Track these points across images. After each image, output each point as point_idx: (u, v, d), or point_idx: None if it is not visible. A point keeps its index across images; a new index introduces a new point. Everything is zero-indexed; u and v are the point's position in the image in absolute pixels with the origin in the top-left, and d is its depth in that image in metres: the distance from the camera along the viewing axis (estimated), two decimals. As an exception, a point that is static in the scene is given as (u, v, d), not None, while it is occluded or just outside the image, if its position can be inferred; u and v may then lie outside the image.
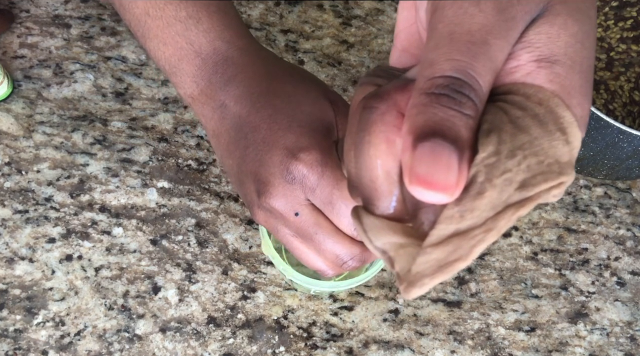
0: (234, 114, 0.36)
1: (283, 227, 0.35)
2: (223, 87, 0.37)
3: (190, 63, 0.37)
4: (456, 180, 0.18)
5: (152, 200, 0.53)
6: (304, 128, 0.35)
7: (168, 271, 0.51)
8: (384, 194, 0.22)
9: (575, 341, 0.52)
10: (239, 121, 0.36)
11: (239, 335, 0.50)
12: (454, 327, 0.51)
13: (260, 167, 0.35)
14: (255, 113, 0.36)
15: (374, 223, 0.22)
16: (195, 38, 0.37)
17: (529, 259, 0.55)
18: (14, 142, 0.54)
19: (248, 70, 0.37)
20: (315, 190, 0.34)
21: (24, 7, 0.59)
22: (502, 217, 0.19)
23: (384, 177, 0.22)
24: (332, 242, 0.35)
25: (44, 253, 0.51)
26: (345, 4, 0.62)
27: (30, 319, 0.49)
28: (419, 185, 0.18)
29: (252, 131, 0.35)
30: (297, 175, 0.33)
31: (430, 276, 0.20)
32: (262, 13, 0.61)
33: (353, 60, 0.60)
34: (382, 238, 0.22)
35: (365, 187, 0.23)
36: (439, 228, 0.19)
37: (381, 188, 0.22)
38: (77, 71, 0.57)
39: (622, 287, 0.55)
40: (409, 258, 0.21)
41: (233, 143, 0.36)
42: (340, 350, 0.50)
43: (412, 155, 0.18)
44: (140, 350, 0.48)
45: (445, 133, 0.18)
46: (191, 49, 0.37)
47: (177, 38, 0.37)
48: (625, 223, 0.57)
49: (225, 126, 0.37)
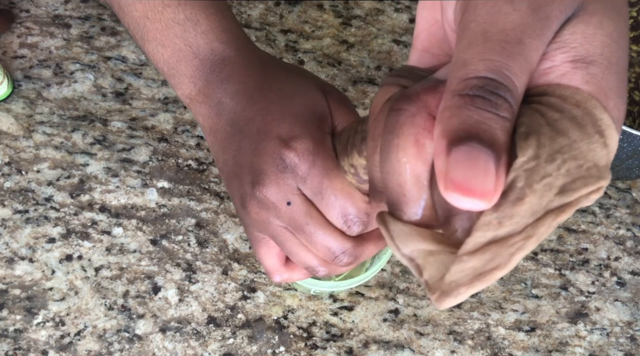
0: (230, 110, 0.37)
1: (274, 219, 0.35)
2: (220, 85, 0.37)
3: (188, 64, 0.38)
4: (494, 185, 0.17)
5: (152, 200, 0.53)
6: (297, 118, 0.35)
7: (168, 271, 0.51)
8: (413, 200, 0.21)
9: (575, 341, 0.52)
10: (234, 116, 0.37)
11: (239, 335, 0.50)
12: (454, 327, 0.51)
13: (255, 157, 0.35)
14: (250, 107, 0.36)
15: (401, 229, 0.22)
16: (194, 40, 0.38)
17: (529, 259, 0.55)
18: (14, 142, 0.54)
19: (244, 68, 0.38)
20: (306, 179, 0.34)
21: (24, 7, 0.59)
22: (542, 224, 0.19)
23: (413, 181, 0.21)
24: (322, 233, 0.35)
25: (44, 253, 0.51)
26: (345, 4, 0.62)
27: (30, 319, 0.49)
28: (455, 192, 0.17)
29: (247, 124, 0.36)
30: (288, 163, 0.34)
31: (466, 286, 0.19)
32: (262, 13, 0.61)
33: (353, 60, 0.60)
34: (410, 245, 0.21)
35: (392, 192, 0.22)
36: (476, 235, 0.19)
37: (410, 193, 0.21)
38: (77, 71, 0.57)
39: (622, 287, 0.55)
40: (440, 266, 0.20)
41: (229, 138, 0.37)
42: (340, 350, 0.50)
43: (447, 160, 0.17)
44: (140, 350, 0.48)
45: (481, 136, 0.17)
46: (189, 50, 0.38)
47: (176, 40, 0.38)
48: (625, 223, 0.57)
49: (222, 122, 0.37)
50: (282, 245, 0.36)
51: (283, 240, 0.36)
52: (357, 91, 0.59)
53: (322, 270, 0.36)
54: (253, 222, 0.36)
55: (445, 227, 0.21)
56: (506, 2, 0.19)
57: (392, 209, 0.22)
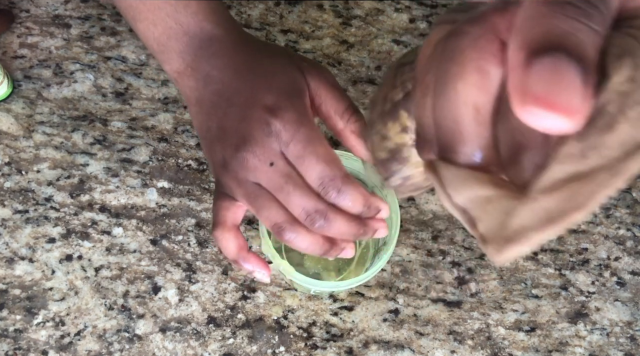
0: (218, 81, 0.39)
1: (254, 178, 0.37)
2: (208, 59, 0.40)
3: (178, 40, 0.40)
4: (582, 102, 0.15)
5: (152, 200, 0.53)
6: (281, 91, 0.38)
7: (168, 271, 0.51)
8: (470, 137, 0.19)
9: (575, 341, 0.52)
10: (221, 87, 0.39)
11: (239, 335, 0.50)
12: (454, 327, 0.51)
13: (242, 122, 0.37)
14: (237, 79, 0.39)
15: (454, 174, 0.19)
16: (184, 19, 0.40)
17: (529, 259, 0.55)
18: (14, 142, 0.54)
19: (231, 46, 0.41)
20: (289, 144, 0.36)
21: (24, 7, 0.59)
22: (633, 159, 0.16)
23: (472, 115, 0.19)
24: (300, 193, 0.36)
25: (44, 253, 0.50)
26: (345, 4, 0.62)
27: (30, 319, 0.49)
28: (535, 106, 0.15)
29: (235, 94, 0.39)
30: (274, 129, 0.36)
31: (537, 230, 0.16)
32: (262, 13, 0.61)
33: (353, 60, 0.60)
34: (464, 192, 0.19)
35: (445, 132, 0.20)
36: (554, 170, 0.16)
37: (467, 129, 0.19)
38: (77, 71, 0.57)
39: (622, 287, 0.55)
40: (499, 214, 0.18)
41: (215, 106, 0.39)
42: (340, 350, 0.50)
43: (526, 73, 0.15)
44: (140, 350, 0.48)
45: (569, 48, 0.15)
46: (180, 28, 0.40)
47: (167, 19, 0.40)
48: (625, 223, 0.57)
49: (208, 93, 0.40)
50: (254, 201, 0.37)
51: (257, 195, 0.37)
52: (357, 91, 0.59)
53: (288, 228, 0.37)
54: (230, 181, 0.38)
55: (511, 167, 0.18)
56: None
57: (445, 152, 0.20)
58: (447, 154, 0.20)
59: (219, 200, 0.40)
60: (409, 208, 0.55)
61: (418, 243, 0.54)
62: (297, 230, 0.37)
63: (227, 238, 0.39)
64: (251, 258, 0.40)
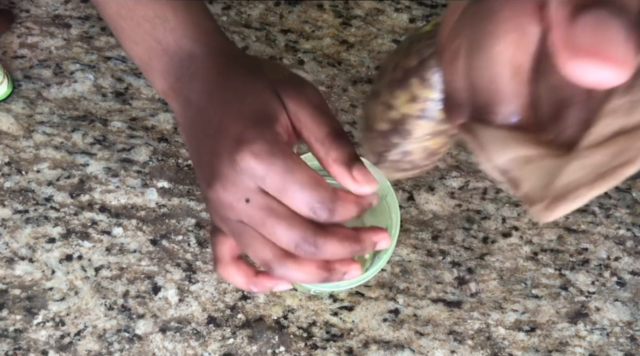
0: (195, 108, 0.38)
1: (232, 216, 0.35)
2: (187, 82, 0.38)
3: (159, 60, 0.39)
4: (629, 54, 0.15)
5: (152, 200, 0.53)
6: (249, 120, 0.35)
7: (168, 271, 0.51)
8: (509, 96, 0.19)
9: (575, 341, 0.52)
10: (197, 115, 0.37)
11: (239, 335, 0.50)
12: (454, 327, 0.51)
13: (214, 157, 0.35)
14: (210, 106, 0.37)
15: (493, 135, 0.18)
16: (163, 37, 0.38)
17: (529, 259, 0.55)
18: (14, 142, 0.54)
19: (210, 65, 0.38)
20: (265, 178, 0.33)
21: (24, 7, 0.59)
22: None
23: (511, 74, 0.18)
24: (285, 224, 0.34)
25: (44, 253, 0.51)
26: (345, 4, 0.62)
27: (30, 319, 0.49)
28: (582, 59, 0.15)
29: (207, 123, 0.37)
30: (244, 166, 0.33)
31: (588, 186, 0.16)
32: (262, 13, 0.61)
33: (353, 60, 0.60)
34: (504, 153, 0.18)
35: (482, 93, 0.19)
36: (601, 125, 0.16)
37: (506, 88, 0.18)
38: (77, 71, 0.57)
39: (622, 287, 0.55)
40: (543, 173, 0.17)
41: (194, 136, 0.38)
42: (340, 350, 0.50)
43: (572, 28, 0.15)
44: (140, 350, 0.48)
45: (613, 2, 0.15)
46: (159, 47, 0.38)
47: (147, 37, 0.39)
48: (625, 223, 0.57)
49: (188, 120, 0.38)
50: (239, 238, 0.35)
51: (241, 232, 0.35)
52: (357, 91, 0.59)
53: (277, 265, 0.35)
54: (214, 216, 0.36)
55: (552, 125, 0.18)
56: None
57: (481, 114, 0.19)
58: (483, 115, 0.19)
59: (214, 236, 0.38)
60: (409, 208, 0.55)
61: (418, 243, 0.54)
62: (287, 265, 0.35)
63: (231, 273, 0.38)
64: (262, 281, 0.38)
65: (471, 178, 0.57)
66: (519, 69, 0.18)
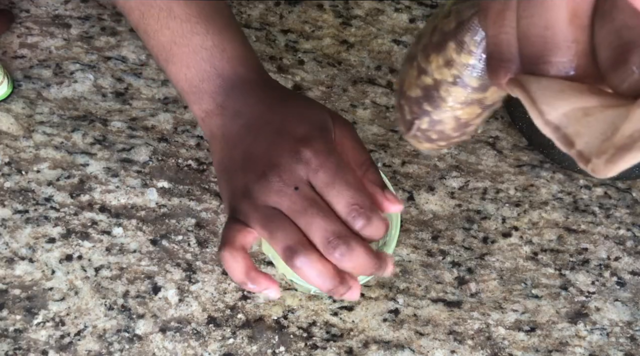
0: (249, 115, 0.40)
1: (272, 203, 0.37)
2: (239, 97, 0.41)
3: (211, 83, 0.41)
4: None
5: (152, 200, 0.53)
6: (312, 126, 0.39)
7: (168, 271, 0.51)
8: (566, 43, 0.17)
9: (575, 341, 0.52)
10: (252, 119, 0.40)
11: (239, 335, 0.50)
12: (454, 327, 0.52)
13: (271, 150, 0.38)
14: (270, 111, 0.40)
15: (547, 87, 0.17)
16: (219, 63, 0.41)
17: (529, 259, 0.55)
18: (14, 142, 0.54)
19: (262, 85, 0.42)
20: (319, 171, 0.36)
21: (24, 7, 0.59)
22: None
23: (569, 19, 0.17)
24: (324, 216, 0.36)
25: (44, 253, 0.51)
26: (345, 4, 0.62)
27: (30, 319, 0.49)
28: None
29: (265, 124, 0.40)
30: (303, 157, 0.37)
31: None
32: (262, 13, 0.61)
33: (353, 60, 0.60)
34: (560, 106, 0.17)
35: (535, 42, 0.18)
36: None
37: (563, 35, 0.17)
38: (77, 71, 0.57)
39: (622, 287, 0.55)
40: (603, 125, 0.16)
41: (242, 137, 0.40)
42: (340, 350, 0.50)
43: None
44: (140, 350, 0.48)
45: None
46: (214, 71, 0.41)
47: (202, 63, 0.41)
48: (625, 223, 0.57)
49: (237, 126, 0.40)
50: (270, 223, 0.36)
51: (274, 217, 0.36)
52: (357, 91, 0.59)
53: (300, 251, 0.35)
54: (248, 206, 0.37)
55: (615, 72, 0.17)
56: None
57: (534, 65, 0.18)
58: (537, 66, 0.18)
59: (230, 224, 0.39)
60: (409, 208, 0.55)
61: (418, 243, 0.54)
62: (310, 255, 0.35)
63: (235, 258, 0.37)
64: (260, 278, 0.38)
65: (471, 178, 0.57)
66: (577, 11, 0.17)
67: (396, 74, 0.60)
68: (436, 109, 0.30)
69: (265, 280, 0.38)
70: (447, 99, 0.29)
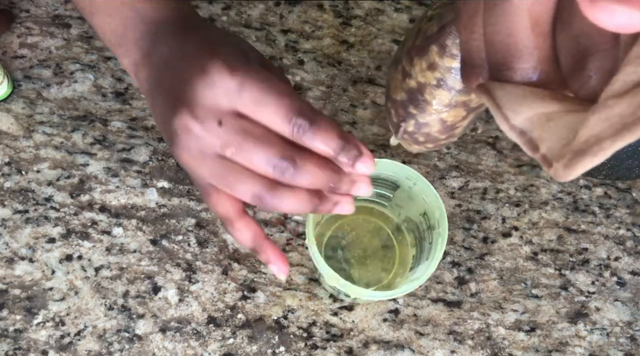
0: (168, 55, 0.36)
1: (207, 148, 0.32)
2: (163, 41, 0.37)
3: (135, 29, 0.38)
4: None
5: (152, 200, 0.53)
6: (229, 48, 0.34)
7: (168, 271, 0.51)
8: (528, 50, 0.18)
9: (575, 341, 0.52)
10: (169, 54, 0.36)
11: (239, 335, 0.50)
12: (454, 327, 0.51)
13: (182, 83, 0.32)
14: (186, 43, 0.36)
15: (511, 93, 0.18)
16: (141, 6, 0.38)
17: (529, 259, 0.55)
18: (14, 142, 0.54)
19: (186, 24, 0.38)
20: (242, 91, 0.30)
21: (24, 7, 0.59)
22: None
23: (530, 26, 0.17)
24: (261, 145, 0.31)
25: (44, 253, 0.51)
26: (345, 4, 0.62)
27: (30, 319, 0.49)
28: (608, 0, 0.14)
29: (181, 58, 0.35)
30: (216, 79, 0.30)
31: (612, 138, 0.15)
32: (262, 13, 0.61)
33: (353, 60, 0.60)
34: (523, 111, 0.17)
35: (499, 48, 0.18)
36: (626, 71, 0.15)
37: (525, 41, 0.18)
38: (77, 71, 0.57)
39: (622, 287, 0.55)
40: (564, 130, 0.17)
41: (162, 77, 0.36)
42: (340, 350, 0.50)
43: None
44: (140, 350, 0.48)
45: None
46: (137, 16, 0.38)
47: (122, 8, 0.38)
48: (625, 223, 0.57)
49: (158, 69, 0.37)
50: (224, 180, 0.32)
51: (223, 172, 0.32)
52: (357, 91, 0.59)
53: (269, 193, 0.32)
54: (189, 160, 0.33)
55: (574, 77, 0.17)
56: None
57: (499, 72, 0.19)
58: (501, 73, 0.19)
59: (208, 197, 0.36)
60: (409, 208, 0.55)
61: (418, 243, 0.54)
62: (278, 191, 0.32)
63: (239, 229, 0.36)
64: (267, 247, 0.36)
65: (471, 178, 0.57)
66: (538, 19, 0.17)
67: (396, 74, 0.60)
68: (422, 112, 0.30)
69: (272, 250, 0.36)
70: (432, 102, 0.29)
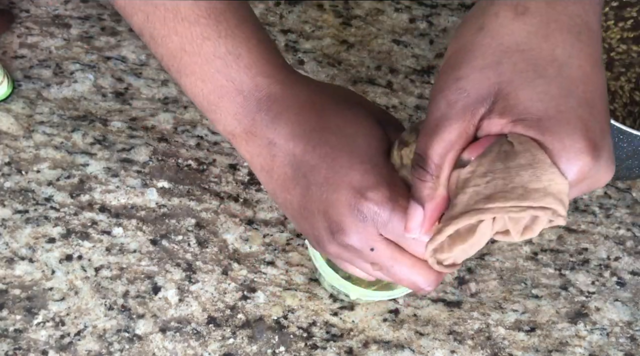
0: (287, 152, 0.36)
1: (359, 259, 0.36)
2: (269, 125, 0.36)
3: (231, 101, 0.36)
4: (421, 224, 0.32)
5: (152, 200, 0.53)
6: (367, 165, 0.34)
7: (168, 271, 0.51)
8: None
9: (575, 341, 0.52)
10: (293, 159, 0.36)
11: (239, 335, 0.50)
12: (454, 327, 0.51)
13: (329, 208, 0.34)
14: (312, 152, 0.35)
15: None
16: (236, 75, 0.36)
17: (529, 259, 0.55)
18: (14, 142, 0.54)
19: (293, 105, 0.37)
20: (387, 225, 0.34)
21: (24, 7, 0.59)
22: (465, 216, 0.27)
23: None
24: (408, 271, 0.35)
25: (44, 253, 0.51)
26: (345, 4, 0.62)
27: (30, 319, 0.49)
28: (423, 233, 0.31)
29: (311, 171, 0.35)
30: (368, 214, 0.34)
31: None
32: (262, 13, 0.61)
33: (353, 60, 0.60)
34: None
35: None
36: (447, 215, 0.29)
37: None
38: (77, 71, 0.57)
39: (622, 287, 0.55)
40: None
41: (290, 181, 0.36)
42: (340, 350, 0.50)
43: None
44: (140, 350, 0.48)
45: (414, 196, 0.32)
46: (232, 86, 0.36)
47: (217, 75, 0.36)
48: (625, 223, 0.57)
49: (278, 163, 0.36)
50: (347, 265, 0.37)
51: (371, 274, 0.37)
52: (357, 91, 0.59)
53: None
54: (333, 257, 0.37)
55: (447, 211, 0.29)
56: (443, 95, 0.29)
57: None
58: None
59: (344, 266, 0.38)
60: (409, 208, 0.55)
61: (418, 243, 0.54)
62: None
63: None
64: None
65: (471, 178, 0.57)
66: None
67: (396, 73, 0.60)
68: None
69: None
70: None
